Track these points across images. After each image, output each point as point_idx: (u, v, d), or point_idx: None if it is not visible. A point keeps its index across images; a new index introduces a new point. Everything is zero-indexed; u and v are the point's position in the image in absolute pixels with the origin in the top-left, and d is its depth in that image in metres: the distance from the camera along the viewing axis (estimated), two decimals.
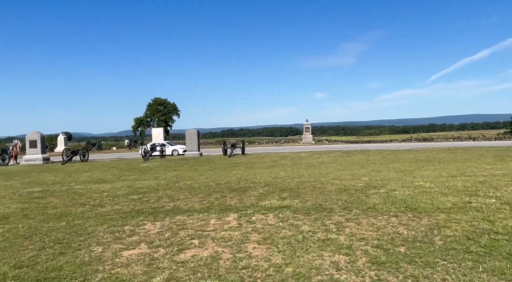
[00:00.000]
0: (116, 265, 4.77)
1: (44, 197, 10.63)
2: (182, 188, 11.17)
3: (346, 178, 11.73)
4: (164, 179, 14.27)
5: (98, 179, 15.43)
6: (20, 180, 16.45)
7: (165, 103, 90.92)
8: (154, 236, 6.05)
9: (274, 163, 19.78)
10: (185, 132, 28.45)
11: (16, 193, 11.95)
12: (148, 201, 9.25)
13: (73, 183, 14.26)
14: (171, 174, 16.24)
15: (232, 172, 15.99)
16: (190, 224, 6.68)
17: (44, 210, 8.59)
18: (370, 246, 5.07)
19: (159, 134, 40.64)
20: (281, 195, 9.17)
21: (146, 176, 15.70)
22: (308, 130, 46.78)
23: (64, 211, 8.35)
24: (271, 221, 6.61)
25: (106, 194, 10.73)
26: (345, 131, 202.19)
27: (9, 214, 8.37)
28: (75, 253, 5.33)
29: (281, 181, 11.82)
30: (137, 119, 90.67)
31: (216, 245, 5.40)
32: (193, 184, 12.17)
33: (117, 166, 21.97)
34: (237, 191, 10.15)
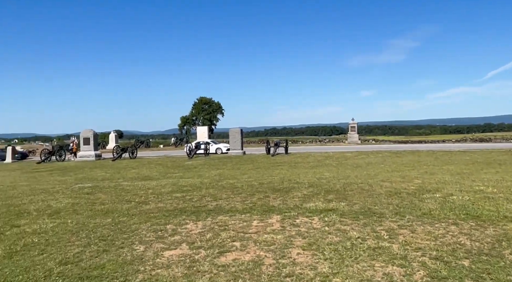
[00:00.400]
0: (156, 266, 4.68)
1: (93, 193, 10.99)
2: (225, 187, 11.08)
3: (396, 180, 11.04)
4: (207, 177, 14.31)
5: (144, 176, 15.82)
6: (73, 176, 17.29)
7: (210, 102, 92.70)
8: (196, 236, 5.92)
9: (319, 162, 19.25)
10: (229, 131, 28.62)
11: (68, 188, 12.50)
12: (191, 199, 9.23)
13: (121, 179, 14.70)
14: (215, 172, 16.28)
15: (275, 171, 15.73)
16: (232, 225, 6.50)
17: (92, 206, 8.83)
18: (428, 257, 4.58)
19: (204, 132, 41.31)
20: (326, 197, 8.76)
21: (190, 174, 15.86)
22: (354, 129, 45.41)
23: (110, 208, 8.52)
24: (316, 225, 6.25)
25: (151, 191, 10.88)
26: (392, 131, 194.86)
27: (60, 208, 8.68)
28: (118, 251, 5.32)
29: (326, 181, 11.36)
30: (183, 118, 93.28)
31: (259, 249, 5.16)
32: (235, 183, 12.04)
33: (163, 163, 22.50)
34: (280, 191, 9.87)
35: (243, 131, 29.47)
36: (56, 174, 18.89)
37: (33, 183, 14.90)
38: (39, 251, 5.44)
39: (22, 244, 5.83)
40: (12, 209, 8.81)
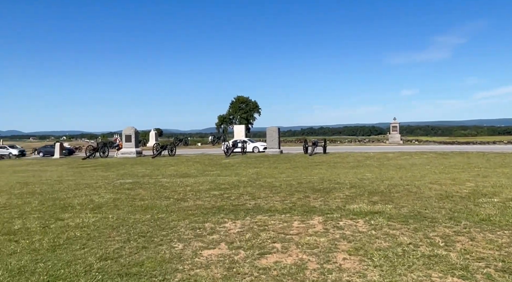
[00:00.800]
0: (195, 265, 4.52)
1: (133, 189, 11.15)
2: (263, 186, 10.86)
3: (446, 183, 10.32)
4: (245, 175, 14.17)
5: (183, 173, 15.95)
6: (115, 172, 17.78)
7: (247, 101, 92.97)
8: (235, 236, 5.73)
9: (359, 163, 18.59)
10: (266, 129, 28.42)
11: (110, 183, 12.79)
12: (229, 197, 9.08)
13: (160, 176, 14.89)
14: (252, 170, 16.13)
15: (314, 171, 15.32)
16: (272, 225, 6.25)
17: (132, 201, 8.91)
18: (493, 268, 4.09)
19: (241, 131, 41.40)
20: (370, 198, 8.29)
21: (228, 172, 15.80)
22: (396, 129, 43.76)
23: (150, 204, 8.55)
24: (361, 228, 5.87)
25: (189, 188, 10.88)
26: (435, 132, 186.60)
27: (102, 203, 8.83)
28: (157, 248, 5.23)
29: (368, 182, 10.84)
30: (220, 117, 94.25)
31: (301, 252, 4.87)
32: (274, 182, 11.80)
33: (201, 161, 22.69)
34: (320, 191, 9.50)
35: (280, 131, 29.14)
36: (100, 169, 19.53)
37: (78, 178, 15.45)
38: (80, 245, 5.47)
39: (65, 237, 5.91)
40: (58, 203, 9.08)
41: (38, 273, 4.38)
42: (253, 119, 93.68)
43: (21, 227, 6.68)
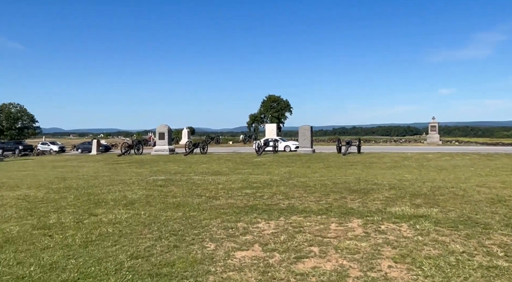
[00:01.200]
0: (228, 268, 4.28)
1: (166, 186, 11.13)
2: (296, 185, 10.51)
3: (495, 186, 9.55)
4: (277, 174, 13.87)
5: (214, 171, 15.87)
6: (149, 168, 17.98)
7: (278, 100, 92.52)
8: (269, 237, 5.44)
9: (396, 163, 17.79)
10: (299, 128, 27.93)
11: (143, 180, 12.88)
12: (261, 196, 8.82)
13: (192, 174, 14.87)
14: (284, 169, 15.79)
15: (349, 171, 14.77)
16: (308, 227, 5.92)
17: (164, 198, 8.84)
18: None
19: (272, 130, 41.05)
20: (413, 201, 7.76)
21: (259, 171, 15.55)
22: (435, 129, 41.90)
23: (182, 201, 8.43)
24: (406, 233, 5.42)
25: (221, 186, 10.71)
26: (475, 132, 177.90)
27: (135, 200, 8.81)
28: (188, 248, 5.04)
29: (409, 184, 10.24)
30: (251, 116, 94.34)
31: (341, 257, 4.52)
32: (307, 181, 11.42)
33: (232, 159, 22.59)
34: (357, 192, 9.04)
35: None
36: (134, 166, 19.85)
37: (113, 174, 15.72)
38: (112, 242, 5.38)
39: (98, 233, 5.85)
40: (92, 198, 9.16)
41: (69, 270, 4.29)
42: (285, 118, 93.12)
43: (56, 221, 6.72)
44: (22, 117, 71.05)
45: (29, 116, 72.03)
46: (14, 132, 67.83)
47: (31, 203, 8.62)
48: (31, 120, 72.52)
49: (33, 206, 8.24)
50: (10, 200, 9.08)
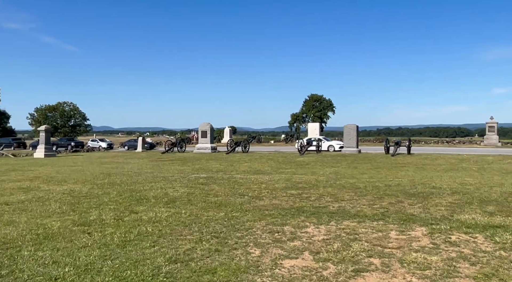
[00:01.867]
0: (276, 279, 3.75)
1: (207, 184, 10.82)
2: (345, 187, 9.79)
3: None
4: (322, 174, 13.17)
5: (256, 170, 15.44)
6: (191, 166, 17.91)
7: (321, 99, 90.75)
8: (320, 244, 4.85)
9: (452, 165, 16.40)
10: (344, 127, 26.86)
11: (185, 177, 12.69)
12: (308, 198, 8.22)
13: (234, 172, 14.53)
14: (329, 170, 15.04)
15: (400, 172, 13.73)
16: (364, 234, 5.26)
17: (206, 197, 8.49)
18: None
19: (315, 129, 40.09)
20: (483, 208, 6.82)
21: (303, 170, 14.91)
22: (493, 129, 38.85)
23: (224, 200, 8.03)
24: (484, 246, 4.61)
25: (264, 186, 10.22)
26: None
27: (176, 197, 8.54)
28: (231, 253, 4.57)
29: (473, 188, 9.18)
30: (293, 115, 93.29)
31: (409, 273, 3.84)
32: (356, 182, 10.64)
33: (274, 158, 22.08)
34: (415, 196, 8.18)
35: None
36: (177, 163, 19.92)
37: (156, 170, 15.76)
38: (151, 242, 5.04)
39: (137, 232, 5.55)
40: (134, 195, 9.01)
41: (104, 272, 3.96)
42: (327, 118, 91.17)
43: (96, 218, 6.54)
44: (75, 115, 74.93)
45: (81, 114, 75.83)
46: (67, 129, 71.72)
47: (75, 198, 8.61)
48: (82, 118, 76.29)
49: (76, 201, 8.20)
50: (56, 194, 9.15)
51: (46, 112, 71.45)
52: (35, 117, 71.15)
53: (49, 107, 72.46)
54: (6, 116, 74.00)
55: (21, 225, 6.08)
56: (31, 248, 4.81)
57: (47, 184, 11.34)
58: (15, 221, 6.37)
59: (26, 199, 8.54)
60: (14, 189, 10.26)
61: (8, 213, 7.02)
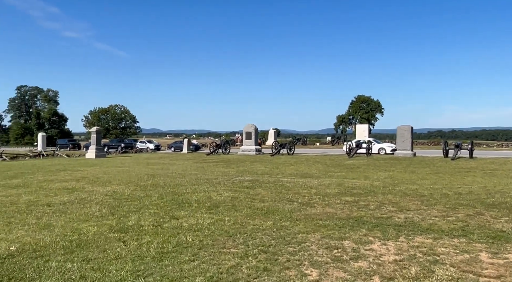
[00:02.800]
0: None
1: (253, 187, 10.14)
2: (407, 194, 8.67)
3: None
4: (376, 179, 12.03)
5: (303, 173, 14.57)
6: (235, 168, 17.39)
7: (369, 100, 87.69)
8: (392, 267, 3.95)
9: None
10: (396, 128, 25.14)
11: (230, 180, 12.12)
12: (366, 206, 7.25)
13: (280, 175, 13.76)
14: (383, 174, 13.81)
15: (466, 178, 12.24)
16: (445, 255, 4.27)
17: (251, 202, 7.79)
18: None
19: (364, 131, 38.29)
20: None
21: (354, 174, 13.81)
22: None
23: (271, 207, 7.29)
24: None
25: (314, 191, 9.36)
26: None
27: (219, 202, 7.93)
28: (283, 273, 3.81)
29: None
30: (339, 117, 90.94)
31: None
32: (418, 189, 9.47)
33: (322, 161, 21.04)
34: (496, 207, 6.94)
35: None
36: (221, 165, 19.52)
37: (200, 172, 15.39)
38: (190, 255, 4.40)
39: (175, 242, 4.96)
40: (176, 198, 8.53)
41: None
42: (375, 120, 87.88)
43: (135, 223, 6.06)
44: (125, 117, 78.14)
45: (131, 117, 78.93)
46: (118, 131, 74.86)
47: (116, 200, 8.27)
48: (133, 121, 79.37)
49: (117, 204, 7.84)
50: (98, 196, 8.90)
51: (99, 114, 75.10)
52: (89, 119, 75.00)
53: (101, 110, 76.11)
54: (64, 119, 78.86)
55: (56, 229, 5.73)
56: (61, 258, 4.35)
57: (92, 184, 11.24)
58: (52, 224, 6.05)
59: (68, 200, 8.34)
60: (59, 189, 10.22)
61: (48, 215, 6.75)
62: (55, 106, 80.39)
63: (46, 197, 8.90)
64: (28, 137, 70.12)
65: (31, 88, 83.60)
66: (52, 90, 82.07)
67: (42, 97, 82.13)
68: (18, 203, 8.11)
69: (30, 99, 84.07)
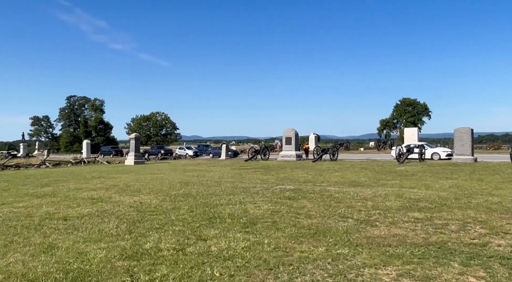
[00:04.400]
0: None
1: (296, 198, 8.77)
2: (492, 209, 6.93)
3: None
4: (439, 189, 10.25)
5: (351, 181, 12.97)
6: (275, 175, 16.08)
7: (415, 103, 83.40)
8: None
9: None
10: (454, 131, 22.64)
11: (269, 189, 10.82)
12: (445, 226, 5.66)
13: (325, 183, 12.27)
14: (446, 182, 11.92)
15: None
16: None
17: (296, 218, 6.44)
18: None
19: (413, 135, 35.57)
20: None
21: (411, 183, 12.03)
22: None
23: (320, 225, 5.90)
24: None
25: (371, 203, 7.82)
26: None
27: (257, 217, 6.63)
28: None
29: None
30: (382, 121, 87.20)
31: None
32: (502, 202, 7.66)
33: (369, 167, 19.21)
34: None
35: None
36: (259, 172, 18.30)
37: (237, 180, 14.23)
38: None
39: (198, 278, 3.72)
40: (207, 211, 7.34)
41: None
42: (422, 123, 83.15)
43: (153, 246, 4.91)
44: (166, 124, 79.38)
45: (172, 124, 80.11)
46: (159, 138, 76.13)
47: (140, 213, 7.23)
48: (173, 128, 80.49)
49: (139, 218, 6.78)
50: (121, 208, 7.92)
51: (141, 122, 76.82)
52: (131, 126, 76.87)
53: (143, 117, 77.80)
54: (109, 127, 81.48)
55: (59, 252, 4.70)
56: None
57: (120, 193, 10.38)
58: (56, 245, 5.04)
59: (88, 213, 7.41)
60: (84, 199, 9.41)
61: (57, 233, 5.79)
62: (101, 115, 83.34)
63: (66, 208, 8.05)
64: (77, 145, 72.96)
65: (79, 98, 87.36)
66: (99, 100, 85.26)
67: (90, 106, 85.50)
68: (34, 215, 7.29)
69: (78, 109, 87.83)
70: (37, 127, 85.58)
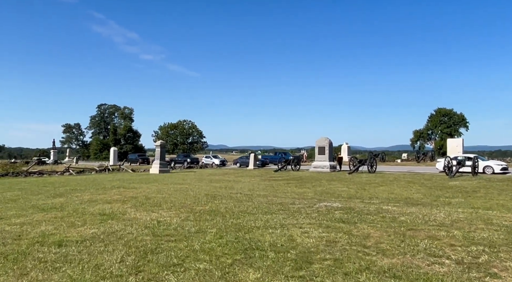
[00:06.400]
0: None
1: (351, 221, 6.94)
2: None
3: None
4: None
5: (405, 198, 10.98)
6: (311, 188, 14.25)
7: (451, 114, 79.22)
8: None
9: None
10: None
11: (311, 206, 9.03)
12: None
13: (376, 200, 10.35)
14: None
15: None
16: None
17: (365, 255, 4.63)
18: None
19: (457, 146, 32.70)
20: None
21: (481, 202, 9.93)
22: None
23: (406, 269, 4.07)
24: None
25: (458, 233, 5.89)
26: None
27: (310, 251, 4.87)
28: None
29: None
30: (416, 132, 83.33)
31: None
32: None
33: (416, 181, 17.01)
34: None
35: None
36: (293, 184, 16.50)
37: (270, 193, 12.51)
38: None
39: None
40: (241, 237, 5.66)
41: None
42: (458, 135, 78.65)
43: None
44: (193, 133, 78.84)
45: (198, 132, 79.52)
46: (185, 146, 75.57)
47: (155, 239, 5.63)
48: (200, 136, 79.87)
49: (153, 246, 5.16)
50: (135, 229, 6.36)
51: (168, 130, 76.65)
52: (159, 134, 76.81)
53: (170, 125, 77.63)
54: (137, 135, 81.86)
55: None
56: None
57: (137, 208, 8.87)
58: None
59: (92, 236, 5.88)
60: (93, 214, 7.94)
61: (41, 268, 4.26)
62: (130, 123, 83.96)
63: (68, 227, 6.57)
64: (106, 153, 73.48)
65: (109, 106, 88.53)
66: (128, 108, 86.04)
67: (119, 115, 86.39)
68: (25, 237, 5.83)
69: (108, 117, 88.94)
70: (68, 134, 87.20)
